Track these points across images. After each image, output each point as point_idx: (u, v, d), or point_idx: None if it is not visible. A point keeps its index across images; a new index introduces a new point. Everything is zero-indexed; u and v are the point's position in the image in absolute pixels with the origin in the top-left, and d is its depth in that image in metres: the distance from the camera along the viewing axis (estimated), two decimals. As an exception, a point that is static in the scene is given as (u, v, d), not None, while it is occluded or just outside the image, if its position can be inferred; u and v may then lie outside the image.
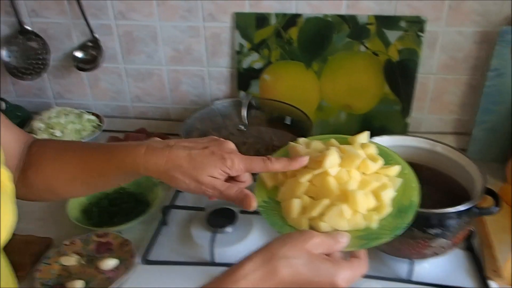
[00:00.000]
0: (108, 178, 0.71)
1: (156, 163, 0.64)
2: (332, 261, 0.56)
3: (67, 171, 0.71)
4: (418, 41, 1.16)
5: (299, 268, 0.54)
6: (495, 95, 1.15)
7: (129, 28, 1.26)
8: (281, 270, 0.53)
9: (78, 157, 0.71)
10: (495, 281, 0.84)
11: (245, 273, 0.53)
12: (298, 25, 1.19)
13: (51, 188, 0.73)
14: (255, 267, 0.54)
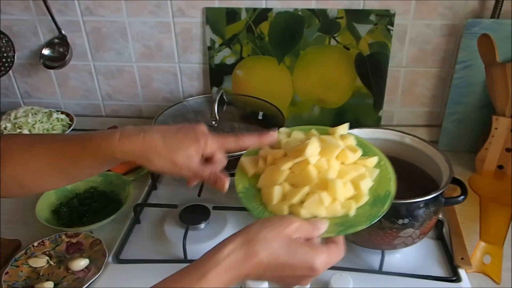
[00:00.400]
0: (82, 167, 0.71)
1: (132, 147, 0.65)
2: (310, 246, 0.58)
3: (38, 163, 0.70)
4: (387, 34, 1.17)
5: (278, 251, 0.56)
6: (463, 87, 1.16)
7: (97, 25, 1.24)
8: (260, 252, 0.55)
9: (49, 148, 0.70)
10: (464, 269, 0.85)
11: (225, 254, 0.55)
12: (269, 19, 1.18)
13: (21, 182, 0.71)
14: (235, 248, 0.56)
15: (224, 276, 0.55)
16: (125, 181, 1.07)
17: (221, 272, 0.55)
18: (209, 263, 0.55)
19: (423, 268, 0.87)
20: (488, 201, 0.99)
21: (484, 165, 1.12)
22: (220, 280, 0.55)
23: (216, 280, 0.54)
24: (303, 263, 0.57)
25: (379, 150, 0.75)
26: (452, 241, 0.92)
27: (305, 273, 0.58)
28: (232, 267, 0.55)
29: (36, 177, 0.71)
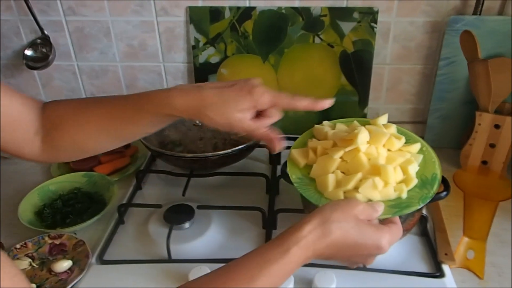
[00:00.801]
0: (138, 126, 0.74)
1: (190, 102, 0.69)
2: (376, 226, 0.64)
3: (94, 124, 0.74)
4: (371, 32, 1.17)
5: (349, 231, 0.61)
6: (447, 83, 1.17)
7: (80, 24, 1.23)
8: (334, 232, 0.60)
9: (105, 108, 0.74)
10: (448, 264, 0.86)
11: (305, 233, 0.59)
12: (253, 18, 1.18)
13: (78, 145, 0.76)
14: (312, 228, 0.60)
15: (303, 252, 0.59)
16: (109, 182, 1.06)
17: (302, 248, 0.59)
18: (291, 239, 0.59)
19: (407, 264, 0.87)
20: (472, 197, 1.00)
21: (469, 161, 1.13)
22: (300, 256, 0.59)
23: (297, 255, 0.58)
24: (372, 242, 0.62)
25: (419, 137, 0.81)
26: (436, 237, 0.92)
27: (373, 251, 0.63)
28: (310, 245, 0.59)
29: (92, 139, 0.76)
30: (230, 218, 0.99)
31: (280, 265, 0.58)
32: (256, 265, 0.58)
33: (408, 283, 0.82)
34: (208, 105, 0.69)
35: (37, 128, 0.75)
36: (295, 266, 0.59)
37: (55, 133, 0.75)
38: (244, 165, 1.17)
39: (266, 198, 1.05)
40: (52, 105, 0.77)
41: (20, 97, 0.73)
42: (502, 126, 1.06)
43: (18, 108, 0.72)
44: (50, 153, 0.76)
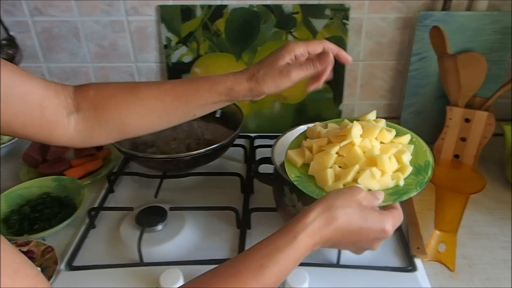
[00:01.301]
0: (194, 105, 0.79)
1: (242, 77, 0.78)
2: (379, 211, 0.66)
3: (145, 104, 0.78)
4: (343, 28, 1.17)
5: (354, 216, 0.62)
6: (419, 78, 1.18)
7: (48, 25, 1.21)
8: (339, 218, 0.61)
9: (160, 88, 0.79)
10: (420, 258, 0.86)
11: (310, 220, 0.61)
12: (225, 16, 1.17)
13: (122, 125, 0.79)
14: (317, 215, 0.61)
15: (310, 239, 0.60)
16: (79, 185, 1.04)
17: (309, 235, 0.60)
18: (298, 227, 0.60)
19: (381, 259, 0.88)
20: (444, 190, 1.00)
21: (441, 155, 1.13)
22: (307, 243, 0.60)
23: (304, 242, 0.60)
24: (376, 226, 0.64)
25: (407, 129, 0.84)
26: (408, 231, 0.92)
27: (378, 235, 0.65)
28: (316, 231, 0.60)
29: (138, 119, 0.79)
30: (203, 219, 0.98)
31: (289, 252, 0.59)
32: (265, 254, 0.58)
33: (380, 278, 0.83)
34: (256, 73, 0.78)
35: (71, 110, 0.76)
36: (303, 253, 0.60)
37: (98, 114, 0.77)
38: (219, 164, 1.16)
39: (241, 197, 1.04)
40: (91, 87, 0.78)
41: (42, 81, 0.72)
42: (472, 120, 1.07)
43: (42, 92, 0.71)
44: (85, 135, 0.78)
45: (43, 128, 0.73)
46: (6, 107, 0.66)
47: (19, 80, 0.68)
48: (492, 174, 1.12)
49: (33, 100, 0.70)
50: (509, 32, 1.11)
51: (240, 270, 0.57)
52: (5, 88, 0.65)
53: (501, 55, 1.15)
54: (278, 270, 0.58)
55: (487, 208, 1.01)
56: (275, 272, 0.58)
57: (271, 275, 0.57)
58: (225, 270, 0.58)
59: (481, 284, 0.83)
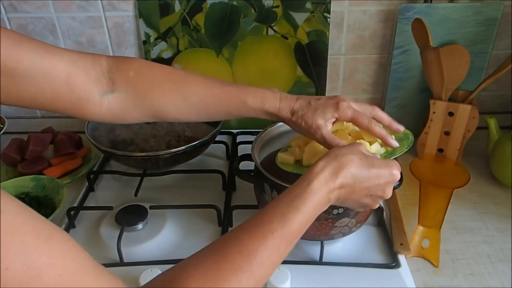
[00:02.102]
0: (234, 114, 0.81)
1: (288, 106, 0.78)
2: (381, 159, 0.69)
3: (186, 102, 0.78)
4: (325, 22, 1.15)
5: (360, 162, 0.65)
6: (401, 72, 1.17)
7: (23, 21, 1.18)
8: (347, 164, 0.63)
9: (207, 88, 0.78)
10: (403, 254, 0.85)
11: (319, 169, 0.62)
12: (204, 11, 1.15)
13: (156, 112, 0.78)
14: (325, 164, 0.63)
15: (324, 186, 0.62)
16: (58, 184, 1.02)
17: (321, 182, 0.62)
18: (311, 176, 0.62)
19: (364, 255, 0.87)
20: (428, 185, 0.99)
21: (425, 149, 1.13)
22: (321, 189, 0.61)
23: (318, 188, 0.61)
24: (384, 169, 0.66)
25: None
26: (392, 227, 0.92)
27: (388, 179, 0.66)
28: (328, 179, 0.62)
29: (178, 111, 0.79)
30: (185, 217, 0.96)
31: (307, 199, 0.60)
32: (285, 203, 0.60)
33: (363, 275, 0.82)
34: (299, 110, 0.77)
35: (105, 89, 0.74)
36: (321, 200, 0.62)
37: (137, 98, 0.76)
38: (200, 162, 1.15)
39: (223, 195, 1.03)
40: (132, 66, 0.76)
41: (69, 56, 0.70)
42: (456, 114, 1.06)
43: (68, 67, 0.69)
44: (119, 115, 0.77)
45: (73, 104, 0.72)
46: (30, 84, 0.66)
47: (40, 56, 0.66)
48: (476, 167, 1.11)
49: (57, 76, 0.68)
50: (492, 23, 1.10)
51: (264, 219, 0.58)
52: (25, 66, 0.64)
53: (484, 47, 1.14)
54: (300, 217, 0.59)
55: (470, 202, 1.01)
56: (297, 219, 0.59)
57: (294, 221, 0.58)
58: (251, 221, 0.59)
59: (464, 279, 0.82)
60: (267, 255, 0.55)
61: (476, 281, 0.82)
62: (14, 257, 0.39)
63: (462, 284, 0.81)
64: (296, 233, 0.59)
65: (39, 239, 0.41)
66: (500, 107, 1.29)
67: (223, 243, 0.57)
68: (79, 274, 0.44)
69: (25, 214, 0.42)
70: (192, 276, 0.52)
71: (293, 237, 0.59)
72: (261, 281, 0.56)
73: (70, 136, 1.17)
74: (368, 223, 0.91)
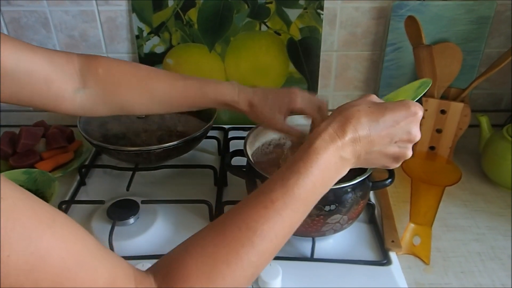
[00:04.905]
0: (197, 106, 0.88)
1: (244, 100, 0.84)
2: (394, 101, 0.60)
3: (154, 96, 0.83)
4: (318, 18, 1.15)
5: (369, 110, 0.58)
6: (393, 69, 1.17)
7: (16, 15, 1.16)
8: (355, 113, 0.57)
9: (169, 84, 0.83)
10: (394, 251, 0.86)
11: (320, 130, 0.57)
12: (197, 6, 1.15)
13: (123, 107, 0.84)
14: (330, 121, 0.57)
15: (328, 145, 0.56)
16: (50, 178, 1.01)
17: (325, 141, 0.56)
18: (313, 137, 0.57)
19: (355, 252, 0.87)
20: (419, 182, 1.00)
21: (417, 147, 1.13)
22: (326, 150, 0.56)
23: (322, 147, 0.56)
24: (400, 108, 0.58)
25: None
26: (383, 224, 0.92)
27: (409, 117, 0.58)
28: (333, 136, 0.56)
29: (143, 106, 0.85)
30: (176, 212, 0.96)
31: (308, 160, 0.55)
32: (286, 169, 0.56)
33: (354, 271, 0.82)
34: (257, 104, 0.83)
35: (77, 86, 0.78)
36: (328, 160, 0.56)
37: (105, 94, 0.81)
38: (192, 157, 1.14)
39: (215, 190, 1.03)
40: (100, 64, 0.80)
41: (48, 56, 0.74)
42: (448, 111, 1.06)
43: (47, 67, 0.73)
44: (89, 109, 0.82)
45: (50, 101, 0.76)
46: (12, 82, 0.69)
47: (24, 56, 0.70)
48: (467, 165, 1.12)
49: (38, 75, 0.72)
50: (485, 21, 1.11)
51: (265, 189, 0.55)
52: (10, 65, 0.68)
53: (476, 45, 1.14)
54: (304, 182, 0.54)
55: (461, 200, 1.01)
56: (301, 183, 0.54)
57: (298, 186, 0.54)
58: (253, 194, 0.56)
59: (455, 277, 0.83)
60: (268, 227, 0.52)
61: (466, 279, 0.82)
62: (17, 244, 0.39)
63: (453, 282, 0.82)
64: (304, 200, 0.55)
65: (41, 223, 0.42)
66: (491, 105, 1.30)
67: (223, 219, 0.55)
68: (82, 257, 0.44)
69: (27, 200, 0.42)
70: (189, 255, 0.51)
71: (300, 204, 0.55)
72: (267, 255, 0.54)
73: (62, 130, 1.17)
74: (360, 220, 0.91)
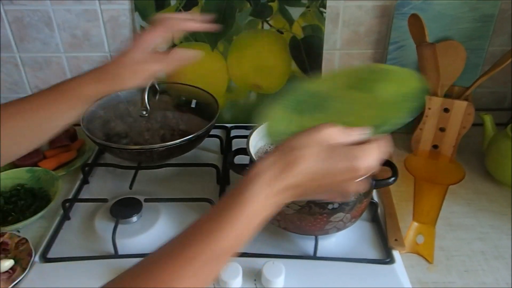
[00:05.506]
0: (56, 120, 0.76)
1: (100, 90, 0.76)
2: (348, 147, 0.54)
3: (12, 129, 0.71)
4: (320, 17, 1.15)
5: (316, 156, 0.53)
6: (397, 68, 1.16)
7: (19, 14, 1.17)
8: (295, 162, 0.52)
9: (18, 111, 0.73)
10: (397, 250, 0.85)
11: (257, 172, 0.52)
12: (199, 5, 1.15)
13: (6, 155, 0.73)
14: (268, 165, 0.52)
15: (259, 194, 0.51)
16: (53, 176, 1.02)
17: (259, 188, 0.51)
18: (247, 179, 0.52)
19: (358, 251, 0.87)
20: (422, 181, 1.00)
21: (420, 146, 1.13)
22: (257, 198, 0.51)
23: (254, 196, 0.51)
24: (342, 164, 0.53)
25: None
26: (386, 223, 0.92)
27: (346, 175, 0.53)
28: (268, 183, 0.52)
29: (9, 143, 0.71)
30: (179, 211, 0.96)
31: (238, 211, 0.50)
32: (211, 218, 0.51)
33: (357, 270, 0.82)
34: (116, 78, 0.76)
35: None
36: (258, 209, 0.51)
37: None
38: (194, 155, 1.14)
39: (217, 188, 1.03)
40: None
41: None
42: (451, 110, 1.06)
43: None
44: None
45: None
46: None
47: None
48: (471, 164, 1.11)
49: None
50: (488, 20, 1.11)
51: (185, 243, 0.50)
52: None
53: (480, 44, 1.14)
54: (228, 236, 0.49)
55: (465, 199, 1.01)
56: (226, 236, 0.49)
57: (223, 239, 0.49)
58: (170, 245, 0.51)
59: (458, 276, 0.82)
60: (183, 285, 0.48)
61: (470, 278, 0.82)
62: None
63: (457, 281, 0.81)
64: (229, 250, 0.51)
65: None
66: (495, 104, 1.29)
67: (135, 274, 0.50)
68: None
69: None
70: None
71: (224, 256, 0.51)
72: None
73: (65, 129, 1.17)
74: (362, 218, 0.91)
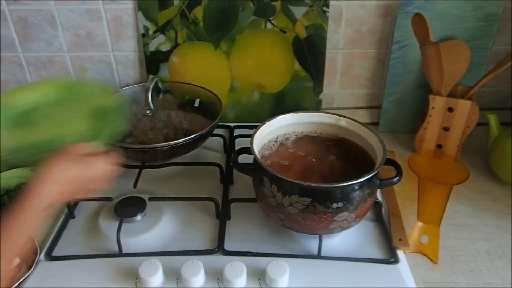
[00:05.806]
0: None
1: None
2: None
3: None
4: (323, 16, 1.15)
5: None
6: (400, 67, 1.16)
7: (23, 14, 1.17)
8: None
9: None
10: (402, 250, 0.85)
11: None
12: (202, 4, 1.15)
13: None
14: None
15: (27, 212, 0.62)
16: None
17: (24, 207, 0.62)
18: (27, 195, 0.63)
19: (362, 250, 0.87)
20: (426, 181, 1.00)
21: (423, 145, 1.13)
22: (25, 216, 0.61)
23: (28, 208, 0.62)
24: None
25: None
26: (390, 222, 0.91)
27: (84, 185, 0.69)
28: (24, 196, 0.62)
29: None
30: (183, 210, 0.96)
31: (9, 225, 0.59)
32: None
33: (362, 270, 0.82)
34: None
35: None
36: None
37: None
38: (198, 154, 1.14)
39: (221, 187, 1.03)
40: None
41: None
42: (455, 109, 1.06)
43: None
44: None
45: None
46: None
47: None
48: (475, 164, 1.11)
49: None
50: (492, 19, 1.10)
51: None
52: None
53: (484, 43, 1.14)
54: (5, 247, 0.56)
55: (469, 199, 1.01)
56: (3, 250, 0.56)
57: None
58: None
59: (463, 276, 0.82)
60: None
61: (475, 278, 0.82)
62: None
63: (461, 281, 0.81)
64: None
65: None
66: (499, 103, 1.29)
67: None
68: None
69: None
70: None
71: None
72: None
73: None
74: (366, 218, 0.91)
